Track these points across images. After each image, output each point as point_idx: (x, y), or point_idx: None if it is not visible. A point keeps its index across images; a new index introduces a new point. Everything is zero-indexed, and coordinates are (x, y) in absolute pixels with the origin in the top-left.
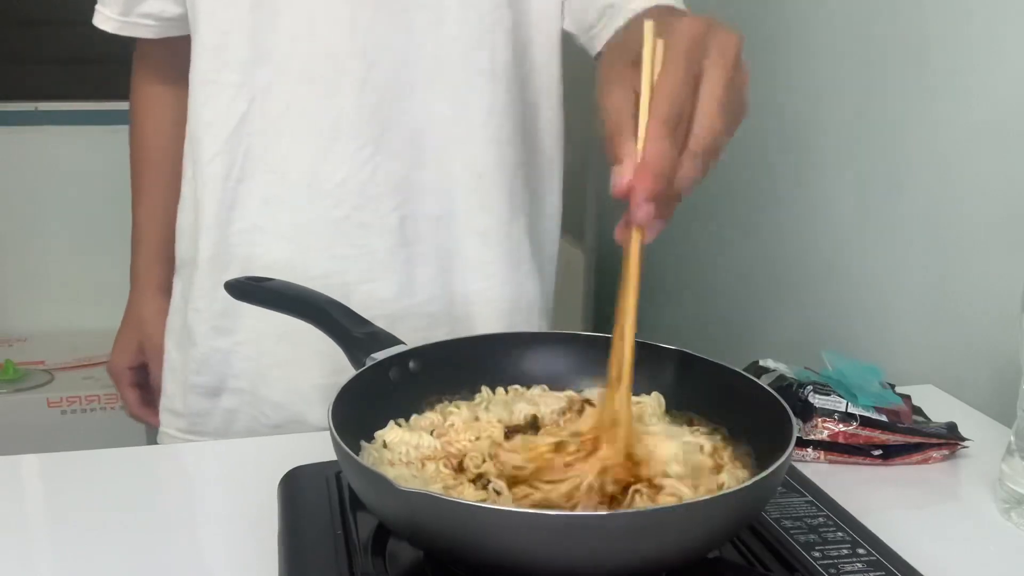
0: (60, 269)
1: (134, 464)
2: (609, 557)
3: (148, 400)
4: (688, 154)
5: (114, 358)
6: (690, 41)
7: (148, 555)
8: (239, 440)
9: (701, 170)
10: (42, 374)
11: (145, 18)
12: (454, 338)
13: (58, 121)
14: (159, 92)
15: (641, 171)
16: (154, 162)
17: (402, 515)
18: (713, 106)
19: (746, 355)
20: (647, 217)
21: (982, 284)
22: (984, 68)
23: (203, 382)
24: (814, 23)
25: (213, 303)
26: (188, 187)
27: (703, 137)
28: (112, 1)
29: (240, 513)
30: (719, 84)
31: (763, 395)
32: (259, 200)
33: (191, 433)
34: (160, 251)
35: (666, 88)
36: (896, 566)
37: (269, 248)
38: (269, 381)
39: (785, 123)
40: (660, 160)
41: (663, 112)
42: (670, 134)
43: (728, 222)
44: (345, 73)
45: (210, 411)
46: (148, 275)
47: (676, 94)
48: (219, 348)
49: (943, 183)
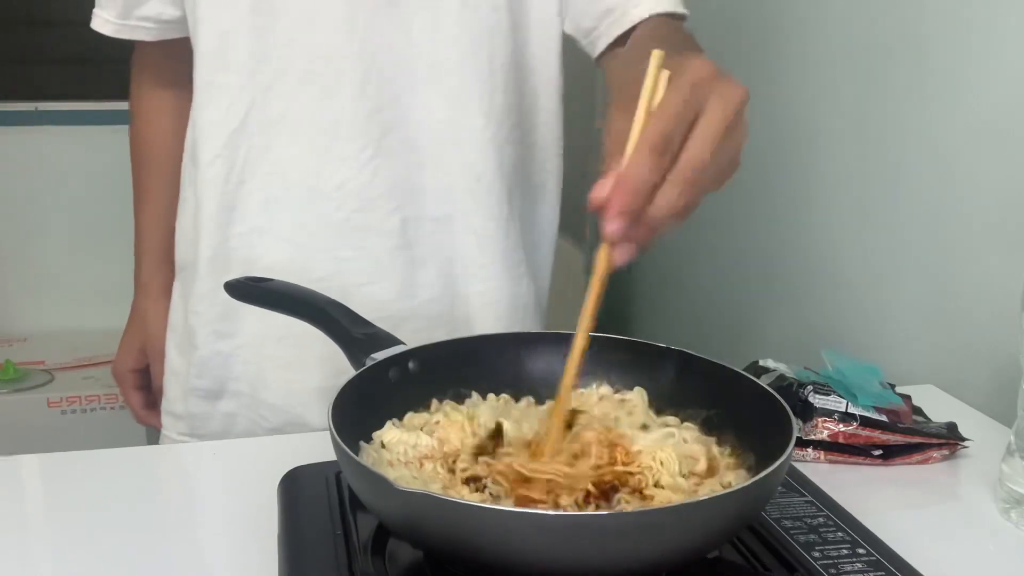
0: (60, 269)
1: (134, 464)
2: (609, 557)
3: (152, 403)
4: (669, 180)
5: (118, 361)
6: (696, 80)
7: (148, 555)
8: (239, 440)
9: (679, 202)
10: (42, 374)
11: (144, 21)
12: (454, 338)
13: (58, 121)
14: (159, 95)
15: (617, 185)
16: (155, 166)
17: (402, 515)
18: (705, 143)
19: (746, 355)
20: (617, 232)
21: (982, 284)
22: (984, 68)
23: (203, 385)
24: (813, 23)
25: (213, 306)
26: (188, 190)
27: (687, 167)
28: (110, 4)
29: (240, 513)
30: (716, 127)
31: (763, 395)
32: (259, 202)
33: (191, 436)
34: (163, 254)
35: (662, 115)
36: (896, 566)
37: (269, 250)
38: (269, 384)
39: (785, 123)
40: (637, 176)
41: (652, 136)
42: (655, 156)
43: (728, 222)
44: (344, 75)
45: (210, 414)
46: (152, 279)
47: (670, 124)
48: (219, 351)
49: (943, 183)
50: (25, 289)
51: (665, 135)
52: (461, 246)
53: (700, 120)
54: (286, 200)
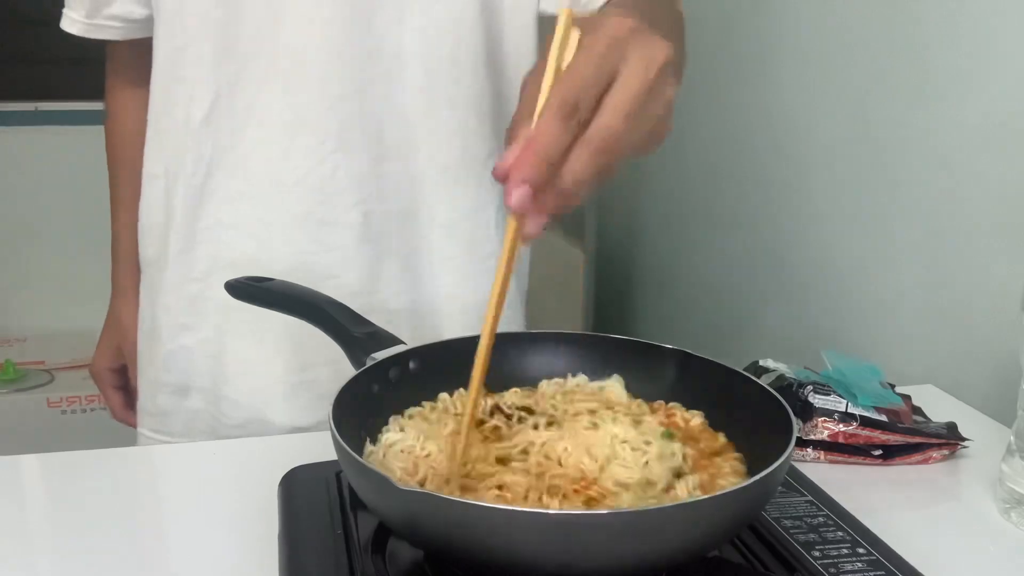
0: (60, 269)
1: (134, 464)
2: (609, 557)
3: (131, 402)
4: (578, 147)
5: (96, 360)
6: (612, 39)
7: (148, 555)
8: (239, 440)
9: (589, 170)
10: (42, 374)
11: (112, 20)
12: (454, 338)
13: (58, 121)
14: (131, 95)
15: (523, 152)
16: (129, 165)
17: (402, 514)
18: (617, 107)
19: (746, 355)
20: (520, 202)
21: (982, 284)
22: (984, 68)
23: (171, 380)
24: (812, 22)
25: (179, 300)
26: (154, 185)
27: (597, 134)
28: (78, 4)
29: (240, 513)
30: (633, 90)
31: (763, 395)
32: (224, 196)
33: (159, 433)
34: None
35: (569, 78)
36: (896, 566)
37: (234, 244)
38: (229, 380)
39: (786, 123)
40: (544, 143)
41: (559, 98)
42: (561, 121)
43: (728, 222)
44: (308, 67)
45: (176, 411)
46: (128, 279)
47: (578, 85)
48: (184, 345)
49: (942, 183)
50: (25, 289)
51: (571, 99)
52: (427, 239)
53: (616, 82)
54: (250, 194)
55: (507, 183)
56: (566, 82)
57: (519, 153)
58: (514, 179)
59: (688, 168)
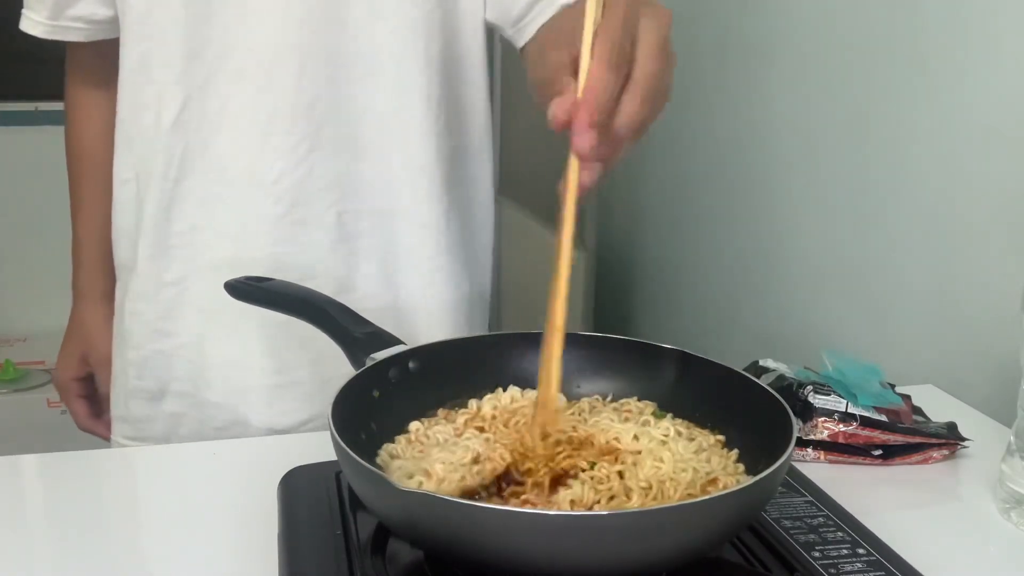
0: (60, 269)
1: (134, 464)
2: (609, 557)
3: (97, 412)
4: (628, 92)
5: (59, 370)
6: (628, 6)
7: (148, 555)
8: (239, 440)
9: (641, 114)
10: (42, 374)
11: (76, 21)
12: (454, 338)
13: (58, 121)
14: (93, 96)
15: (583, 99)
16: (90, 168)
17: (402, 515)
18: (651, 56)
19: (746, 355)
20: (589, 145)
21: (982, 284)
22: (984, 68)
23: (145, 386)
24: (813, 22)
25: (153, 305)
26: (125, 189)
27: (642, 79)
28: (40, 5)
29: (240, 513)
30: (656, 42)
31: (763, 395)
32: (198, 199)
33: (136, 439)
34: (101, 258)
35: (608, 31)
36: (896, 566)
37: (210, 246)
38: (211, 383)
39: (785, 123)
40: (602, 89)
41: (605, 51)
42: (613, 69)
43: (728, 222)
44: (280, 68)
45: (153, 416)
46: (91, 284)
47: (618, 39)
48: (160, 351)
49: (943, 183)
50: (25, 289)
51: (616, 50)
52: (403, 238)
53: (640, 38)
54: (225, 196)
55: (574, 128)
56: (606, 36)
57: (581, 100)
58: (581, 124)
59: (688, 168)
